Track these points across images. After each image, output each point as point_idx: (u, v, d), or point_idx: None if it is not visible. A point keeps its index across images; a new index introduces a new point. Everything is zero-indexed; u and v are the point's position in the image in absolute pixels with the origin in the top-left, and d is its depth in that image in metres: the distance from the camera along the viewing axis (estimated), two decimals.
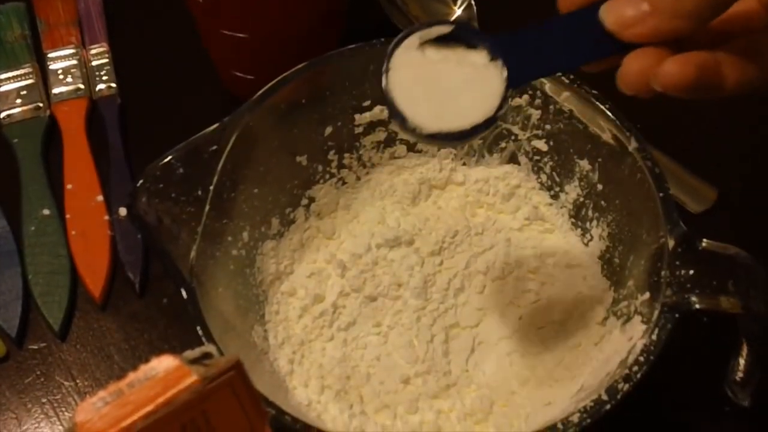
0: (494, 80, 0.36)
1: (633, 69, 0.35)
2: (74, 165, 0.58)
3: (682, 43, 0.35)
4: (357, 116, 0.51)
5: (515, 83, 0.36)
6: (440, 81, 0.37)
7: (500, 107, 0.36)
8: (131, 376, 0.26)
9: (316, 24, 0.56)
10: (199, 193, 0.44)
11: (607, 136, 0.47)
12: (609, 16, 0.35)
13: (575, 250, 0.51)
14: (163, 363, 0.27)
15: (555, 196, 0.52)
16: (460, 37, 0.37)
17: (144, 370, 0.27)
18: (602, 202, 0.49)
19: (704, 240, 0.41)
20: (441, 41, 0.37)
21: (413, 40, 0.37)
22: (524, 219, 0.52)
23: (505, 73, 0.36)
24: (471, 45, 0.37)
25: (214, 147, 0.44)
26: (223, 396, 0.27)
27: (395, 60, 0.37)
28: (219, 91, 0.62)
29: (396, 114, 0.36)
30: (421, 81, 0.37)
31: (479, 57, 0.37)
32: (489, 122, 0.36)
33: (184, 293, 0.41)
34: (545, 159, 0.52)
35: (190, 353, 0.28)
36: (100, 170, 0.58)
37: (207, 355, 0.28)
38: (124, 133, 0.60)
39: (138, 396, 0.26)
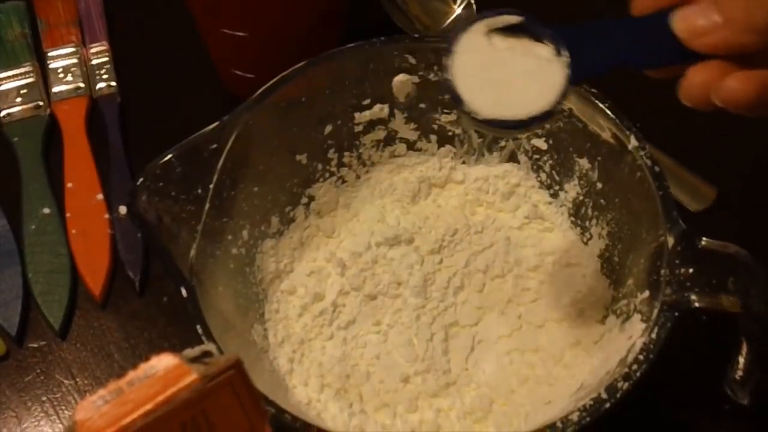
0: (556, 74, 0.36)
1: (696, 81, 0.35)
2: (74, 164, 0.58)
3: (749, 60, 0.34)
4: (357, 115, 0.51)
5: (576, 78, 0.36)
6: (503, 69, 0.37)
7: (559, 101, 0.36)
8: (131, 375, 0.26)
9: (316, 23, 0.57)
10: (199, 191, 0.44)
11: (606, 135, 0.47)
12: (679, 23, 0.35)
13: (575, 249, 0.51)
14: (163, 361, 0.27)
15: (554, 195, 0.52)
16: (528, 28, 0.37)
17: (144, 368, 0.27)
18: (602, 201, 0.49)
19: (704, 238, 0.41)
20: (508, 30, 0.37)
21: (481, 26, 0.37)
22: (524, 217, 0.52)
23: (567, 68, 0.36)
24: (538, 38, 0.37)
25: (214, 145, 0.44)
26: (222, 394, 0.27)
27: (461, 43, 0.37)
28: (219, 90, 0.62)
29: (455, 96, 0.37)
30: (484, 67, 0.37)
31: (545, 50, 0.37)
32: (546, 115, 0.36)
33: (184, 292, 0.41)
34: (545, 158, 0.52)
35: (190, 352, 0.28)
36: (100, 169, 0.58)
37: (207, 354, 0.28)
38: (124, 131, 0.60)
39: (138, 394, 0.26)
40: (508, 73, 0.37)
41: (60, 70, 0.63)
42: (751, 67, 0.34)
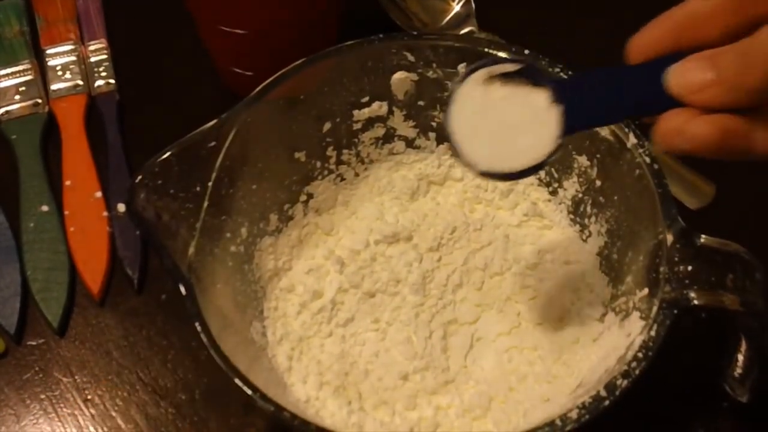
0: (551, 124, 0.37)
1: (664, 128, 0.35)
2: (73, 161, 0.58)
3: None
4: (355, 112, 0.51)
5: (570, 130, 0.37)
6: (499, 120, 0.38)
7: (552, 153, 0.37)
8: None
9: (314, 20, 0.56)
10: (198, 189, 0.44)
11: (605, 132, 0.46)
12: (673, 80, 0.35)
13: (574, 247, 0.51)
14: None
15: (553, 192, 0.52)
16: (526, 75, 0.38)
17: None
18: (601, 198, 0.49)
19: (703, 236, 0.41)
20: (507, 76, 0.38)
21: (480, 74, 0.38)
22: (523, 215, 0.52)
23: (562, 120, 0.37)
24: (535, 84, 0.38)
25: (213, 143, 0.44)
26: None
27: (460, 93, 0.38)
28: (217, 88, 0.62)
29: (453, 148, 0.38)
30: (482, 118, 0.38)
31: (541, 98, 0.37)
32: (538, 167, 0.38)
33: (182, 289, 0.41)
34: None
35: None
36: (98, 166, 0.58)
37: None
38: (122, 129, 0.60)
39: None
40: (503, 123, 0.38)
41: (58, 67, 0.63)
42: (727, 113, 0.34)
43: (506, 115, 0.38)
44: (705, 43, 0.35)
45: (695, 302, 0.40)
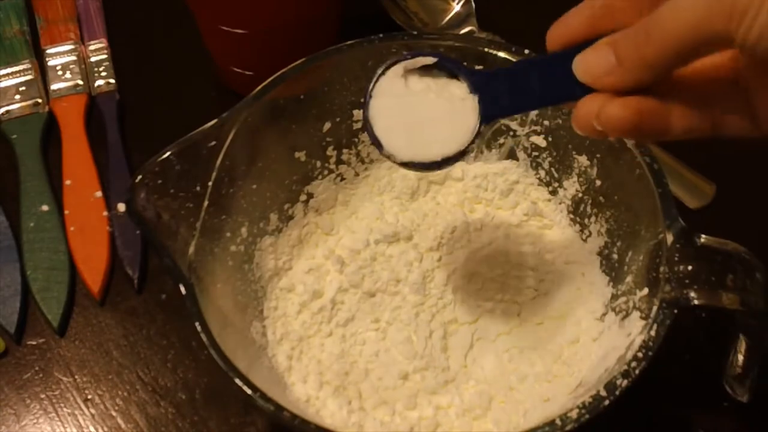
0: (470, 114, 0.38)
1: (582, 112, 0.36)
2: (73, 161, 0.58)
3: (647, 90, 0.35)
4: (355, 112, 0.51)
5: (488, 119, 0.38)
6: (418, 111, 0.38)
7: (472, 141, 0.38)
8: None
9: (314, 20, 0.56)
10: (198, 188, 0.44)
11: None
12: (579, 68, 0.36)
13: (574, 246, 0.51)
14: None
15: (553, 192, 0.52)
16: (443, 67, 0.39)
17: None
18: (601, 198, 0.49)
19: (702, 236, 0.41)
20: (424, 69, 0.39)
21: (398, 68, 0.39)
22: (523, 215, 0.52)
23: (480, 109, 0.38)
24: (453, 75, 0.39)
25: (213, 143, 0.44)
26: None
27: (379, 87, 0.39)
28: (218, 87, 0.62)
29: (374, 139, 0.39)
30: (401, 110, 0.39)
31: (459, 89, 0.38)
32: (459, 155, 0.38)
33: (182, 289, 0.41)
34: (544, 155, 0.52)
35: None
36: (98, 166, 0.58)
37: None
38: (122, 129, 0.60)
39: None
40: (422, 115, 0.39)
41: (59, 67, 0.63)
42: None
43: (425, 106, 0.38)
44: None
45: (695, 302, 0.40)
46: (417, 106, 0.38)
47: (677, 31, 0.32)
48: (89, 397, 0.51)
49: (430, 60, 0.39)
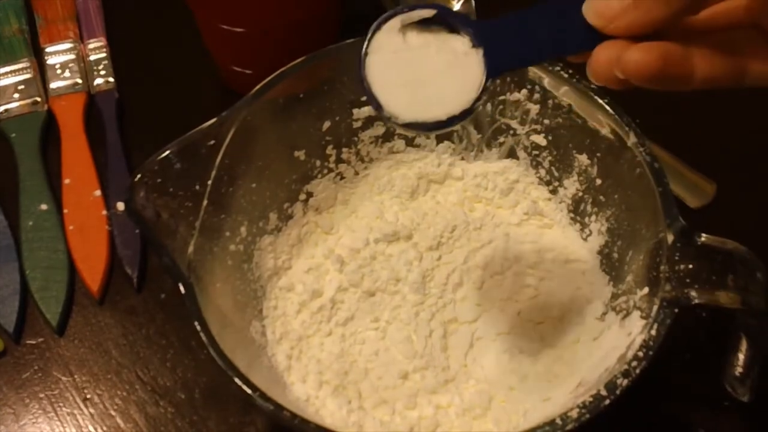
0: (474, 68, 0.36)
1: (601, 58, 0.34)
2: (72, 160, 0.58)
3: (662, 36, 0.34)
4: (355, 111, 0.51)
5: (494, 73, 0.36)
6: (419, 67, 0.36)
7: (478, 98, 0.36)
8: None
9: (314, 18, 0.56)
10: (197, 188, 0.44)
11: (606, 131, 0.46)
12: (591, 11, 0.35)
13: (574, 245, 0.51)
14: None
15: (554, 191, 0.52)
16: (442, 21, 0.36)
17: None
18: (601, 197, 0.49)
19: (703, 235, 0.40)
20: (423, 24, 0.36)
21: (394, 23, 0.36)
22: (523, 214, 0.52)
23: (485, 62, 0.36)
24: (453, 29, 0.36)
25: (212, 142, 0.44)
26: None
27: (375, 43, 0.36)
28: (217, 86, 0.62)
29: (373, 100, 0.36)
30: (400, 67, 0.36)
31: (460, 43, 0.36)
32: (465, 114, 0.36)
33: (182, 288, 0.41)
34: (544, 154, 0.52)
35: None
36: (97, 165, 0.58)
37: None
38: (121, 127, 0.60)
39: None
40: (424, 71, 0.36)
41: (57, 65, 0.63)
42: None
43: (426, 63, 0.36)
44: None
45: (696, 301, 0.40)
46: (417, 63, 0.36)
47: None
48: (88, 396, 0.51)
49: (429, 13, 0.36)
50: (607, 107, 0.45)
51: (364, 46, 0.36)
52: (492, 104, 0.51)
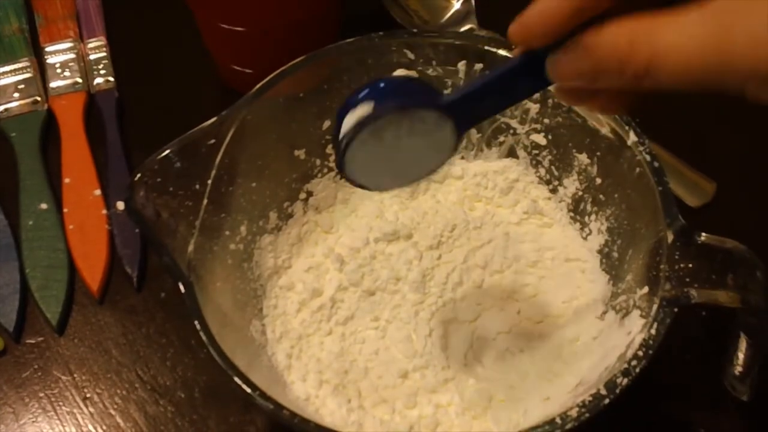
0: (445, 132, 0.37)
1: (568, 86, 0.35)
2: (72, 159, 0.58)
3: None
4: None
5: (462, 131, 0.37)
6: (396, 152, 0.37)
7: (450, 155, 0.38)
8: None
9: (314, 18, 0.56)
10: (197, 187, 0.44)
11: (605, 130, 0.46)
12: (555, 72, 0.34)
13: (574, 244, 0.51)
14: None
15: (554, 190, 0.52)
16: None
17: None
18: (601, 196, 0.49)
19: (703, 234, 0.40)
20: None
21: (365, 134, 0.36)
22: (523, 213, 0.52)
23: (454, 127, 0.37)
24: (421, 107, 0.37)
25: (212, 141, 0.44)
26: None
27: (350, 152, 0.37)
28: (217, 85, 0.62)
29: (361, 187, 0.39)
30: (378, 158, 0.37)
31: (430, 114, 0.36)
32: (442, 164, 0.39)
33: (182, 287, 0.41)
34: (544, 153, 0.52)
35: None
36: (97, 164, 0.58)
37: None
38: (121, 127, 0.60)
39: None
40: (400, 151, 0.37)
41: (57, 65, 0.63)
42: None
43: (401, 147, 0.37)
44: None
45: (695, 300, 0.40)
46: (393, 150, 0.37)
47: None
48: (88, 395, 0.51)
49: (397, 111, 0.36)
50: None
51: (341, 156, 0.37)
52: None
